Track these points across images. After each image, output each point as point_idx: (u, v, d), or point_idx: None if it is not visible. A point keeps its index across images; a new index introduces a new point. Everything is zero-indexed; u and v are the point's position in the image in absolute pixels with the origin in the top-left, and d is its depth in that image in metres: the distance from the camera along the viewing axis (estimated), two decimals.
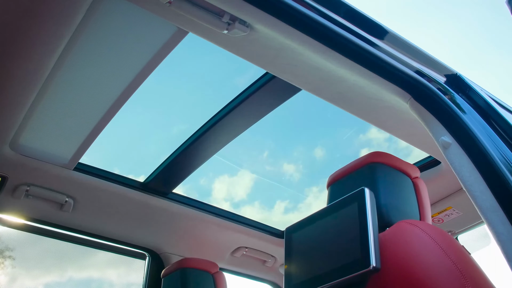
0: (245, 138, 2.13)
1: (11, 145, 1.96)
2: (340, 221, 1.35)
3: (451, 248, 1.17)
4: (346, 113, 1.88)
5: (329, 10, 1.33)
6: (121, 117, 1.97)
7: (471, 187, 1.21)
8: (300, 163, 2.89)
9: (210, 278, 2.27)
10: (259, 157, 2.81)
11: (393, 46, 1.44)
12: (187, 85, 2.06)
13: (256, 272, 2.94)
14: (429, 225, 1.26)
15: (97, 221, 2.44)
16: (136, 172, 2.30)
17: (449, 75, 1.54)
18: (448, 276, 1.11)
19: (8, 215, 2.26)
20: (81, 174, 2.19)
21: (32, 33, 1.44)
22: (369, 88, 1.54)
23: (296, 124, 2.66)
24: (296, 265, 1.44)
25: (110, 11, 1.52)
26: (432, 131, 1.38)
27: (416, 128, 1.71)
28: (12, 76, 1.58)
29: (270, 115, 1.97)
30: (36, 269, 2.53)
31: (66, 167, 2.14)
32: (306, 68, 1.50)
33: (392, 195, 1.41)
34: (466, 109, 1.38)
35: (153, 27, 1.58)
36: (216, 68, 2.12)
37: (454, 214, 2.36)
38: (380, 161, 1.46)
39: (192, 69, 1.77)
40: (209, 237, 2.65)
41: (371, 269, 1.19)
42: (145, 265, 2.68)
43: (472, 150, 1.25)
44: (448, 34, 10.86)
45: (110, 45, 1.64)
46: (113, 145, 2.29)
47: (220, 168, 2.76)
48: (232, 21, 1.35)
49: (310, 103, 2.25)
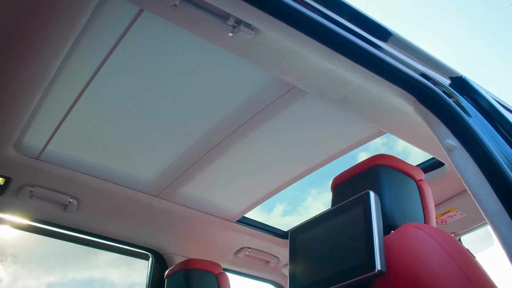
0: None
1: (15, 146, 1.96)
2: (345, 223, 1.35)
3: (456, 252, 1.17)
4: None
5: (334, 13, 1.33)
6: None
7: (476, 190, 1.21)
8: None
9: (214, 279, 2.27)
10: None
11: (398, 49, 1.44)
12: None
13: (259, 273, 2.95)
14: (434, 228, 1.26)
15: (101, 222, 2.44)
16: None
17: (454, 77, 1.53)
18: (453, 279, 1.11)
19: (12, 216, 2.26)
20: (85, 175, 2.19)
21: (37, 35, 1.44)
22: (374, 90, 1.54)
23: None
24: (300, 267, 1.44)
25: (115, 14, 1.52)
26: (437, 133, 1.38)
27: (420, 130, 1.70)
28: (16, 78, 1.59)
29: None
30: (40, 270, 2.53)
31: (70, 168, 2.15)
32: (311, 70, 1.50)
33: (397, 197, 1.41)
34: (471, 112, 1.38)
35: (158, 29, 1.58)
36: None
37: (457, 216, 2.36)
38: (384, 163, 1.46)
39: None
40: (212, 237, 2.65)
41: (376, 272, 1.19)
42: (149, 265, 2.69)
43: (477, 153, 1.25)
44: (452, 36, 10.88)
45: (113, 47, 1.64)
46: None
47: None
48: (237, 24, 1.35)
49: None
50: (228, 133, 2.02)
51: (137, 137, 2.06)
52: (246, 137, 2.03)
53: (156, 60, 1.71)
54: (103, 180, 2.23)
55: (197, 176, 2.27)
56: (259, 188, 2.41)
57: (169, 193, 2.38)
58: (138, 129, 2.01)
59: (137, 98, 1.87)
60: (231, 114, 1.94)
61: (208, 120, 1.98)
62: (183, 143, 2.10)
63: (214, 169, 2.24)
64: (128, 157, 2.18)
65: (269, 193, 2.44)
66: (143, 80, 1.79)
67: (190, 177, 2.28)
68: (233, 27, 1.36)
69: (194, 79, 1.79)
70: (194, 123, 2.00)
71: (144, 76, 1.78)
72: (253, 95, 1.84)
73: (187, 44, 1.65)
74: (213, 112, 1.94)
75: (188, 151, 2.14)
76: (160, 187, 2.34)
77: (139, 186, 2.32)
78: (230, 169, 2.26)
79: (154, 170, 2.27)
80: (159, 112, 1.93)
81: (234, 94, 1.86)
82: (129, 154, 2.16)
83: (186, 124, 2.00)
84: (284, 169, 2.28)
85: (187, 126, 2.01)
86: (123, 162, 2.20)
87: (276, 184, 2.37)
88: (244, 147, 2.10)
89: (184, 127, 2.01)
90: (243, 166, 2.25)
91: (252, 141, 2.07)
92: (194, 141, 2.09)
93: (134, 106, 1.90)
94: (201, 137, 2.06)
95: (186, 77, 1.78)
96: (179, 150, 2.14)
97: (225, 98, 1.88)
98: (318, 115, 1.96)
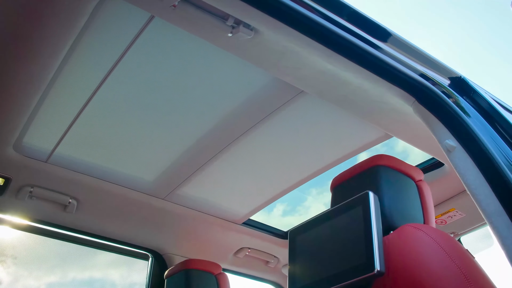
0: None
1: (14, 147, 1.96)
2: (344, 224, 1.35)
3: (455, 252, 1.17)
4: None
5: (333, 13, 1.33)
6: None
7: (476, 190, 1.21)
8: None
9: (213, 279, 2.27)
10: None
11: (397, 49, 1.44)
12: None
13: (258, 273, 2.95)
14: (434, 229, 1.26)
15: (100, 222, 2.44)
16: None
17: (453, 78, 1.53)
18: (452, 280, 1.12)
19: (11, 216, 2.26)
20: (84, 176, 2.19)
21: (36, 35, 1.44)
22: (373, 91, 1.54)
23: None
24: (300, 267, 1.44)
25: (113, 14, 1.52)
26: (436, 134, 1.38)
27: (420, 130, 1.70)
28: (16, 78, 1.59)
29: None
30: (39, 270, 2.53)
31: (70, 168, 2.15)
32: (310, 71, 1.50)
33: (396, 198, 1.41)
34: (470, 112, 1.38)
35: (157, 28, 1.58)
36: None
37: (457, 216, 2.36)
38: (384, 164, 1.46)
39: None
40: (212, 237, 2.65)
41: (375, 273, 1.19)
42: (148, 265, 2.69)
43: (476, 153, 1.25)
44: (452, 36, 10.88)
45: (112, 47, 1.64)
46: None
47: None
48: (236, 25, 1.35)
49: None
50: (230, 135, 2.02)
51: (137, 138, 2.06)
52: (248, 139, 2.03)
53: (159, 61, 1.71)
54: (103, 180, 2.23)
55: (197, 177, 2.27)
56: (262, 191, 2.41)
57: (168, 194, 2.38)
58: (138, 129, 2.01)
59: (138, 99, 1.87)
60: (231, 117, 1.94)
61: (208, 122, 1.98)
62: (183, 144, 2.10)
63: (214, 171, 2.24)
64: (128, 158, 2.17)
65: (273, 197, 2.44)
66: (144, 81, 1.79)
67: (190, 178, 2.28)
68: (232, 28, 1.36)
69: (197, 81, 1.79)
70: (194, 125, 1.99)
71: (146, 78, 1.78)
72: (259, 97, 1.84)
73: (190, 46, 1.65)
74: (214, 114, 1.94)
75: (189, 153, 2.13)
76: (160, 188, 2.34)
77: (138, 186, 2.32)
78: (231, 171, 2.26)
79: (154, 171, 2.27)
80: (159, 112, 1.93)
81: (238, 96, 1.86)
82: (129, 155, 2.16)
83: (186, 126, 2.00)
84: (289, 172, 2.28)
85: (188, 128, 2.01)
86: (123, 163, 2.20)
87: (281, 187, 2.37)
88: (245, 150, 2.10)
89: (185, 128, 2.01)
90: (245, 168, 2.25)
91: (255, 144, 2.07)
92: (194, 143, 2.08)
93: (135, 106, 1.90)
94: (201, 138, 2.06)
95: (189, 78, 1.78)
96: (179, 151, 2.14)
97: (229, 100, 1.88)
98: (325, 118, 1.96)
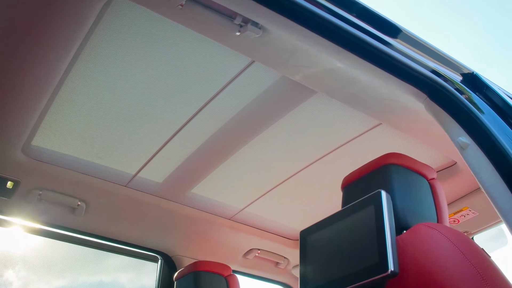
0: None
1: (23, 150, 1.96)
2: (356, 224, 1.33)
3: (470, 251, 1.15)
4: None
5: (342, 10, 1.32)
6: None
7: (490, 188, 1.19)
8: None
9: (223, 281, 2.25)
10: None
11: (408, 45, 1.42)
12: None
13: (268, 274, 2.93)
14: (448, 228, 1.23)
15: (109, 225, 2.44)
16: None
17: (465, 74, 1.51)
18: (468, 280, 1.09)
19: (21, 219, 2.26)
20: (93, 178, 2.19)
21: (43, 38, 1.44)
22: (384, 88, 1.52)
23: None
24: (311, 269, 1.42)
25: (120, 15, 1.51)
26: (449, 131, 1.35)
27: (431, 128, 1.68)
28: (23, 82, 1.59)
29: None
30: (50, 274, 2.54)
31: (78, 171, 2.15)
32: (319, 69, 1.48)
33: (409, 197, 1.39)
34: (483, 109, 1.36)
35: (165, 30, 1.57)
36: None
37: (470, 215, 2.32)
38: (395, 162, 1.43)
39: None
40: (222, 239, 2.64)
41: (389, 273, 1.17)
42: (158, 268, 2.68)
43: (491, 150, 1.23)
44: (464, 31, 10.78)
45: (119, 49, 1.63)
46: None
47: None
48: (244, 23, 1.34)
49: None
50: (236, 134, 2.01)
51: (145, 140, 2.05)
52: (255, 138, 2.01)
53: (166, 62, 1.70)
54: (112, 182, 2.23)
55: (205, 178, 2.26)
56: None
57: (177, 195, 2.37)
58: (146, 131, 2.00)
59: (146, 101, 1.86)
60: (242, 117, 1.92)
61: (218, 123, 1.97)
62: (191, 145, 2.09)
63: (224, 172, 2.22)
64: (136, 160, 2.17)
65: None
66: (153, 83, 1.78)
67: (198, 178, 2.26)
68: (240, 26, 1.35)
69: (202, 82, 1.78)
70: (203, 126, 1.98)
71: (153, 79, 1.77)
72: (264, 96, 1.82)
73: (196, 46, 1.64)
74: (224, 115, 1.93)
75: (196, 153, 2.12)
76: (169, 190, 2.33)
77: (147, 188, 2.31)
78: (239, 170, 2.24)
79: (162, 172, 2.26)
80: (167, 114, 1.92)
81: (248, 96, 1.84)
82: (137, 156, 2.15)
83: (195, 128, 1.98)
84: (295, 171, 2.25)
85: (197, 129, 2.00)
86: (131, 165, 2.19)
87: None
88: (253, 148, 2.08)
89: (194, 130, 2.00)
90: (252, 167, 2.23)
91: (262, 142, 2.05)
92: (202, 143, 2.07)
93: (143, 108, 1.89)
94: (209, 138, 2.04)
95: (195, 80, 1.77)
96: (187, 152, 2.13)
97: (240, 100, 1.86)
98: (330, 116, 1.93)
